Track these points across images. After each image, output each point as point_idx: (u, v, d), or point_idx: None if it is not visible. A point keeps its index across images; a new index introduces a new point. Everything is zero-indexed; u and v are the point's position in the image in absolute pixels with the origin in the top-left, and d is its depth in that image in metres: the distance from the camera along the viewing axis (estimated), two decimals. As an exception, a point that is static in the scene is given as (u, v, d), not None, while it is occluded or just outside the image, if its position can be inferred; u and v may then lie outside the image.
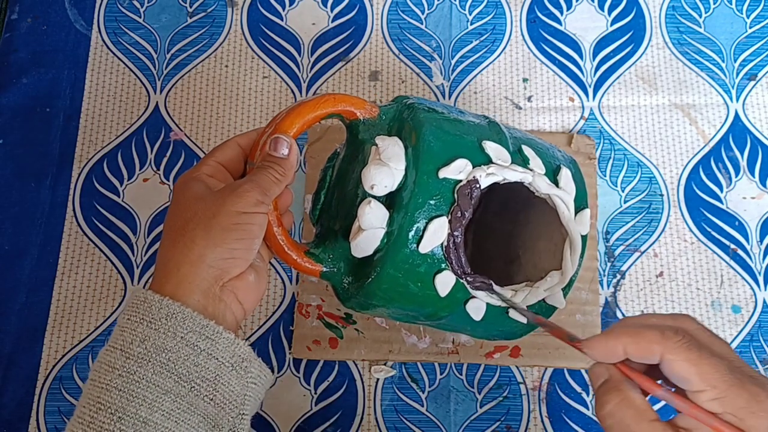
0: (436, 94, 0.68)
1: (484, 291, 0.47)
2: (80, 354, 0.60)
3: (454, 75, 0.69)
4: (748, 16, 0.71)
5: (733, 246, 0.64)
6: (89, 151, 0.66)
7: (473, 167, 0.45)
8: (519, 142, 0.49)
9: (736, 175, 0.66)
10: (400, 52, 0.69)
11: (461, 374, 0.60)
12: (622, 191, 0.65)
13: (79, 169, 0.66)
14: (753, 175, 0.66)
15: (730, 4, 0.71)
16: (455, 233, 0.45)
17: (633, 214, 0.65)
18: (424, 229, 0.44)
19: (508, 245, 0.58)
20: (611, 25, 0.71)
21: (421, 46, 0.70)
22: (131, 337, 0.40)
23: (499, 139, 0.48)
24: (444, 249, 0.45)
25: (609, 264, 0.63)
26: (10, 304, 0.62)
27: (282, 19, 0.71)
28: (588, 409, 0.59)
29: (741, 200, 0.65)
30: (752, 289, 0.63)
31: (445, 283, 0.46)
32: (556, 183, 0.49)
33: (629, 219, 0.64)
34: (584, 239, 0.50)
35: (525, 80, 0.69)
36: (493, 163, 0.46)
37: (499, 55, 0.70)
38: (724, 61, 0.69)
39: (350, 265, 0.47)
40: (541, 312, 0.50)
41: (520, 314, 0.47)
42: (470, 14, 0.71)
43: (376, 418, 0.59)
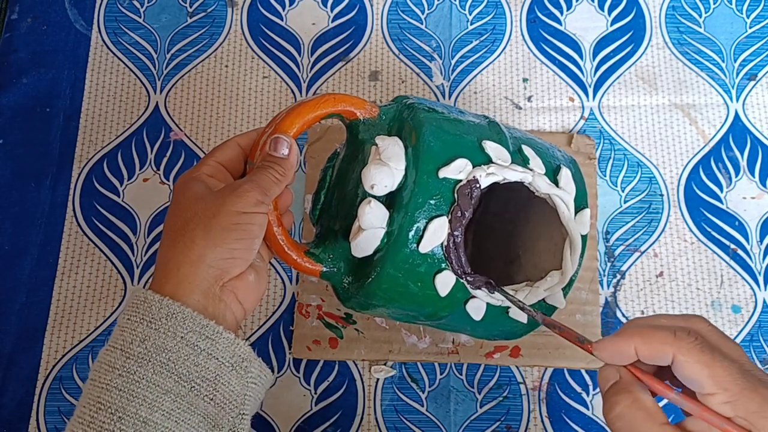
0: (436, 94, 0.68)
1: (488, 291, 0.47)
2: (80, 354, 0.60)
3: (454, 75, 0.69)
4: (748, 16, 0.71)
5: (733, 246, 0.64)
6: (89, 151, 0.66)
7: (473, 167, 0.45)
8: (519, 142, 0.49)
9: (736, 175, 0.66)
10: (400, 52, 0.69)
11: (461, 374, 0.60)
12: (622, 191, 0.65)
13: (79, 169, 0.66)
14: (753, 175, 0.66)
15: (730, 4, 0.71)
16: (455, 233, 0.45)
17: (633, 214, 0.65)
18: (424, 229, 0.44)
19: (508, 245, 0.58)
20: (611, 25, 0.71)
21: (421, 46, 0.70)
22: (131, 336, 0.40)
23: (499, 139, 0.48)
24: (444, 249, 0.45)
25: (609, 264, 0.63)
26: (10, 304, 0.62)
27: (282, 19, 0.71)
28: (588, 409, 0.59)
29: (741, 200, 0.65)
30: (752, 289, 0.63)
31: (445, 282, 0.46)
32: (556, 183, 0.49)
33: (629, 219, 0.64)
34: (584, 239, 0.50)
35: (525, 80, 0.69)
36: (493, 163, 0.46)
37: (499, 55, 0.70)
38: (724, 61, 0.69)
39: (350, 265, 0.47)
40: (541, 312, 0.50)
41: (526, 314, 0.47)
42: (470, 14, 0.71)
43: (376, 418, 0.59)
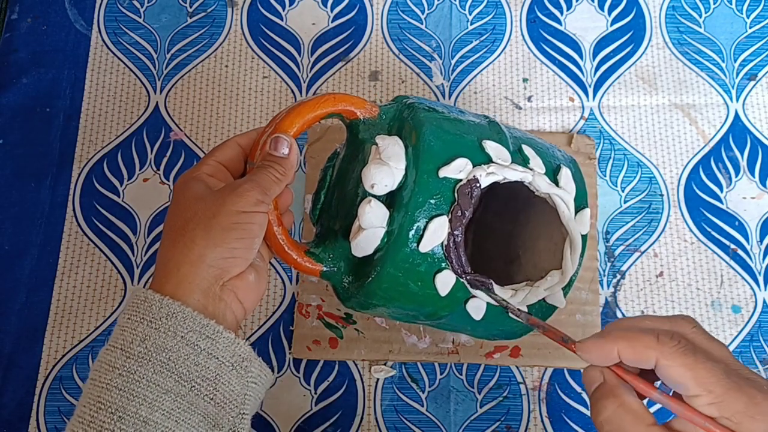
0: (436, 94, 0.68)
1: (481, 290, 0.47)
2: (80, 354, 0.60)
3: (454, 75, 0.69)
4: (748, 16, 0.71)
5: (733, 246, 0.64)
6: (89, 151, 0.66)
7: (473, 166, 0.45)
8: (519, 142, 0.49)
9: (736, 175, 0.66)
10: (400, 52, 0.69)
11: (461, 374, 0.60)
12: (622, 191, 0.65)
13: (79, 169, 0.66)
14: (753, 175, 0.66)
15: (730, 4, 0.71)
16: (455, 232, 0.45)
17: (633, 214, 0.65)
18: (425, 229, 0.44)
19: (508, 245, 0.58)
20: (611, 25, 0.71)
21: (421, 46, 0.70)
22: (131, 336, 0.40)
23: (499, 139, 0.48)
24: (444, 248, 0.45)
25: (609, 264, 0.63)
26: (10, 304, 0.62)
27: (282, 19, 0.71)
28: (588, 409, 0.59)
29: (741, 200, 0.65)
30: (752, 289, 0.63)
31: (446, 282, 0.46)
32: (556, 182, 0.49)
33: (629, 219, 0.64)
34: (584, 239, 0.50)
35: (525, 80, 0.69)
36: (493, 163, 0.46)
37: (499, 55, 0.70)
38: (724, 61, 0.69)
39: (350, 264, 0.47)
40: (541, 312, 0.50)
41: (511, 314, 0.47)
42: (470, 14, 0.71)
43: (376, 418, 0.59)
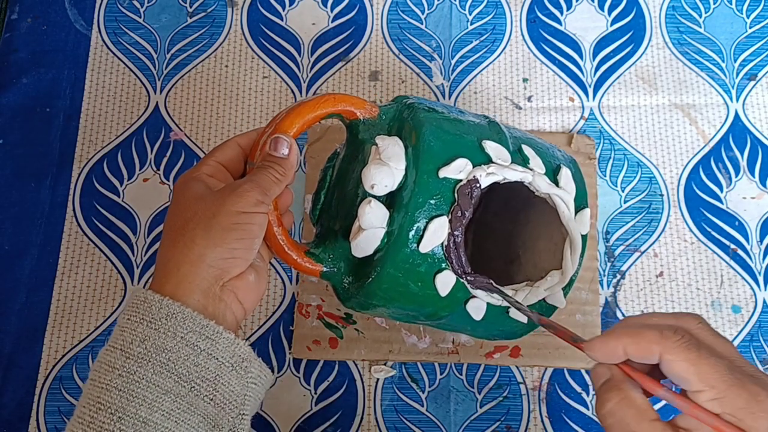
0: (436, 94, 0.68)
1: (486, 291, 0.47)
2: (80, 354, 0.60)
3: (454, 75, 0.69)
4: (748, 16, 0.71)
5: (733, 246, 0.64)
6: (89, 151, 0.66)
7: (473, 167, 0.45)
8: (519, 142, 0.49)
9: (736, 175, 0.66)
10: (400, 52, 0.69)
11: (461, 374, 0.60)
12: (622, 191, 0.65)
13: (79, 169, 0.66)
14: (753, 175, 0.66)
15: (730, 4, 0.71)
16: (455, 233, 0.45)
17: (633, 214, 0.65)
18: (425, 229, 0.44)
19: (508, 245, 0.58)
20: (611, 25, 0.71)
21: (421, 46, 0.70)
22: (131, 336, 0.40)
23: (499, 139, 0.48)
24: (444, 248, 0.45)
25: (609, 264, 0.63)
26: (10, 304, 0.62)
27: (282, 19, 0.71)
28: (588, 409, 0.59)
29: (741, 200, 0.65)
30: (752, 289, 0.63)
31: (446, 282, 0.46)
32: (556, 182, 0.49)
33: (629, 219, 0.64)
34: (584, 239, 0.50)
35: (525, 80, 0.69)
36: (493, 163, 0.46)
37: (499, 55, 0.70)
38: (724, 61, 0.69)
39: (350, 264, 0.47)
40: (541, 312, 0.50)
41: (522, 314, 0.47)
42: (470, 14, 0.71)
43: (376, 418, 0.59)
